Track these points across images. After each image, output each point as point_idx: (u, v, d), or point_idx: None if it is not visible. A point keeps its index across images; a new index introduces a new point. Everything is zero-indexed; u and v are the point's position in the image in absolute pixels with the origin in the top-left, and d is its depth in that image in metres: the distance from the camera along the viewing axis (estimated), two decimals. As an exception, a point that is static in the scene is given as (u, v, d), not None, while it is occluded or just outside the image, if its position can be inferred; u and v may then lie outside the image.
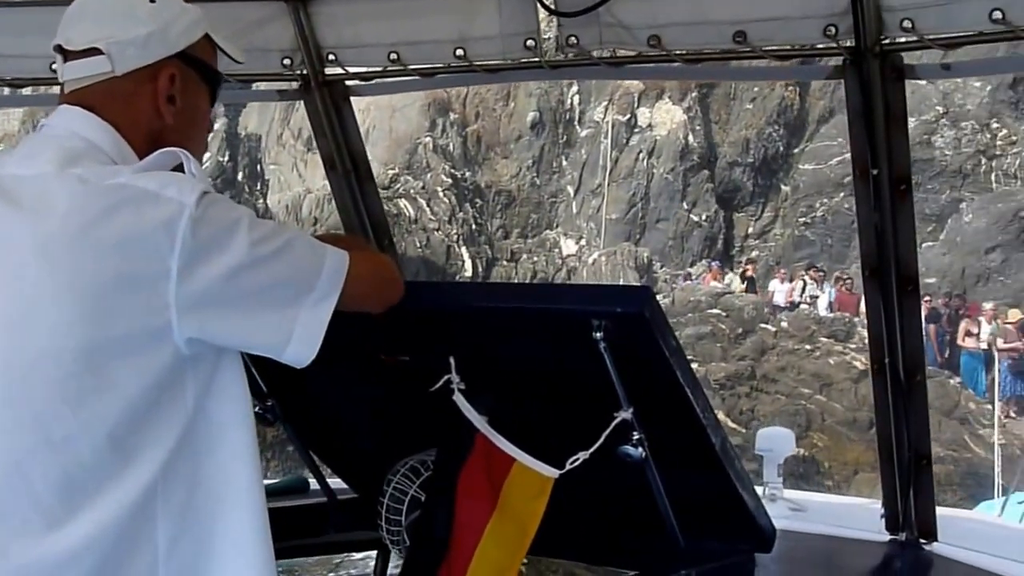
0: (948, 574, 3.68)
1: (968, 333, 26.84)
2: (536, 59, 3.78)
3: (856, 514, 4.24)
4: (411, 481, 3.44)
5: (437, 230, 33.98)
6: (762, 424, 22.99)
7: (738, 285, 30.33)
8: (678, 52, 3.53)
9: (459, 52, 3.85)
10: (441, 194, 35.08)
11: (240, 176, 36.55)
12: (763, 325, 27.08)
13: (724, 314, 27.25)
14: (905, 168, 3.42)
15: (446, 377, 3.08)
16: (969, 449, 22.59)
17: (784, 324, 27.28)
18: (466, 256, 34.39)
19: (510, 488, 3.01)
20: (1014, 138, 34.55)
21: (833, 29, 3.30)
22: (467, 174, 37.16)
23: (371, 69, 4.18)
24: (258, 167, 38.66)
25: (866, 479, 22.05)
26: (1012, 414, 25.73)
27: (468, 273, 33.75)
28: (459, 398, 3.06)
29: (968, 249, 32.43)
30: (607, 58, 3.72)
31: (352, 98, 4.34)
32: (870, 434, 22.02)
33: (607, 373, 2.79)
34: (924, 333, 3.85)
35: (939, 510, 3.79)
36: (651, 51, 3.55)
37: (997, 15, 3.03)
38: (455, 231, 34.65)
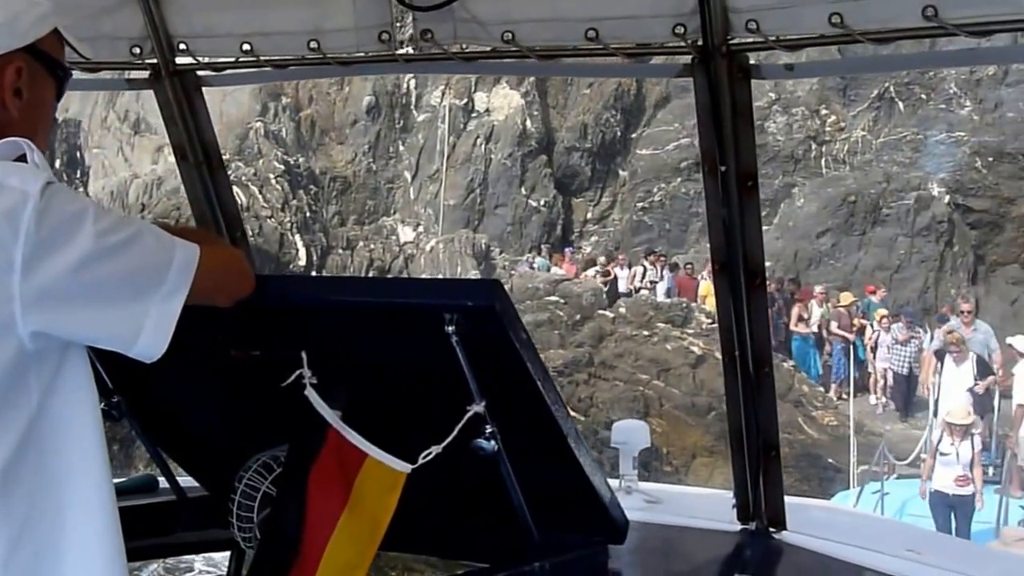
0: (796, 562, 3.77)
1: (800, 318, 27.43)
2: (390, 52, 3.78)
3: (710, 505, 4.31)
4: (263, 477, 3.41)
5: (270, 218, 33.45)
6: (600, 411, 23.27)
7: (600, 284, 30.34)
8: (532, 48, 3.56)
9: (313, 44, 3.83)
10: (273, 181, 34.57)
11: (57, 164, 35.61)
12: (601, 311, 27.32)
13: (562, 301, 27.42)
14: (752, 165, 3.51)
15: (298, 372, 3.05)
16: (803, 431, 23.13)
17: (622, 310, 27.55)
18: (300, 244, 33.95)
19: (362, 483, 3.00)
20: (842, 124, 35.52)
21: (682, 28, 3.36)
22: (300, 160, 36.73)
23: (223, 60, 4.15)
24: (78, 154, 37.65)
25: (704, 463, 22.47)
26: (844, 396, 26.42)
27: (302, 262, 33.38)
28: (311, 393, 3.04)
29: (800, 233, 33.24)
30: (461, 53, 3.73)
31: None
32: (708, 419, 22.48)
33: (459, 367, 2.81)
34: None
35: (788, 499, 3.88)
36: (505, 47, 3.58)
37: (836, 19, 3.12)
38: (288, 219, 34.18)
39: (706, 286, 28.83)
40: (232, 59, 4.08)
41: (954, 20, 2.95)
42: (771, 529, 3.88)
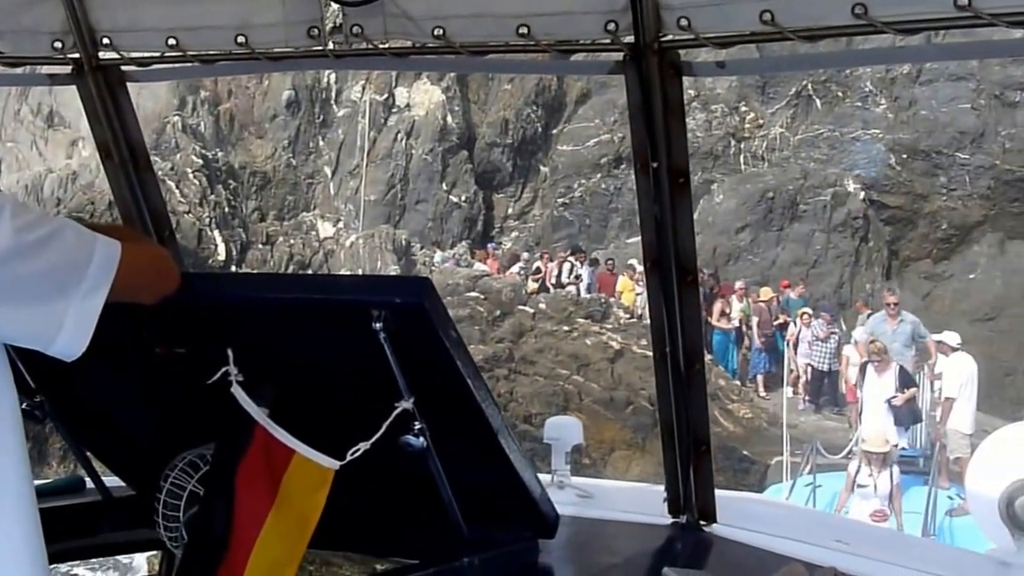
0: (725, 554, 3.79)
1: (722, 313, 27.68)
2: (320, 48, 3.70)
3: (641, 499, 4.33)
4: (189, 476, 3.37)
5: (188, 213, 33.15)
6: (520, 406, 23.35)
7: (532, 286, 30.37)
8: (462, 44, 3.53)
9: (240, 39, 3.74)
10: (191, 175, 34.30)
11: (-35, 158, 35.13)
12: (521, 307, 27.38)
13: (482, 296, 27.45)
14: (683, 161, 3.49)
15: (224, 369, 3.02)
16: (719, 424, 23.31)
17: (542, 306, 27.63)
18: (219, 240, 33.70)
19: (290, 480, 2.98)
20: (761, 121, 35.90)
21: (613, 25, 3.34)
22: (219, 155, 36.51)
23: (148, 54, 4.02)
24: (-12, 147, 37.15)
25: (622, 456, 22.62)
26: (763, 390, 26.71)
27: (221, 257, 33.15)
28: (237, 390, 3.01)
29: (719, 229, 33.53)
30: (393, 48, 3.69)
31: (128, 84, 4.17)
32: (626, 413, 22.61)
33: (388, 364, 2.79)
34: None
35: (719, 492, 3.91)
36: (436, 42, 3.54)
37: (767, 16, 3.13)
38: (207, 214, 33.95)
39: (623, 282, 29.08)
40: (158, 54, 3.97)
41: (883, 18, 2.97)
42: (701, 522, 3.90)
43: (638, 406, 23.36)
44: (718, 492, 3.90)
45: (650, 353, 3.82)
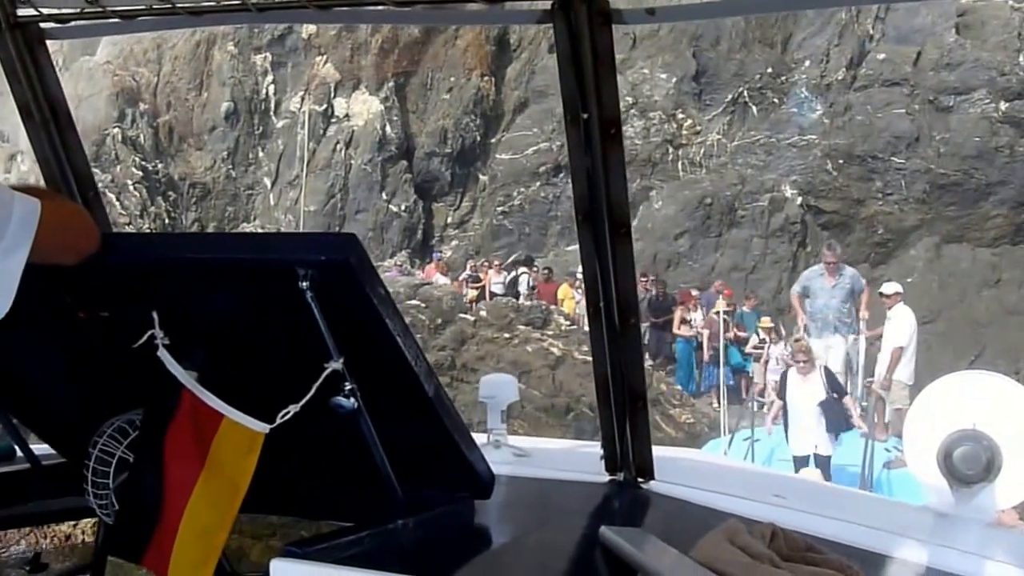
0: (662, 510, 3.75)
1: (683, 321, 27.69)
2: (242, 1, 3.61)
3: (579, 457, 4.30)
4: (119, 442, 3.32)
5: (128, 225, 32.91)
6: (464, 413, 23.22)
7: (473, 294, 30.31)
8: (390, -5, 3.46)
9: (161, -8, 3.68)
10: (132, 188, 34.11)
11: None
12: (462, 315, 27.31)
13: (423, 305, 27.34)
14: (614, 112, 3.43)
15: (149, 332, 2.97)
16: (660, 429, 23.32)
17: (483, 313, 27.57)
18: (159, 253, 33.43)
19: (219, 445, 2.95)
20: (698, 128, 36.02)
21: (541, -29, 3.30)
22: (159, 166, 36.31)
23: (68, 10, 3.93)
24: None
25: (564, 463, 22.59)
26: (714, 404, 26.68)
27: (161, 270, 32.93)
28: (163, 354, 2.97)
29: (659, 235, 33.62)
30: (316, 1, 3.60)
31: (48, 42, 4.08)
32: (567, 420, 22.59)
33: (316, 323, 2.76)
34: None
35: (656, 449, 3.88)
36: (359, -6, 3.49)
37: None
38: (147, 226, 33.73)
39: (564, 289, 29.15)
40: (77, 10, 3.89)
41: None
42: (639, 479, 3.86)
43: (579, 412, 23.32)
44: (655, 449, 3.86)
45: (591, 358, 3.78)
